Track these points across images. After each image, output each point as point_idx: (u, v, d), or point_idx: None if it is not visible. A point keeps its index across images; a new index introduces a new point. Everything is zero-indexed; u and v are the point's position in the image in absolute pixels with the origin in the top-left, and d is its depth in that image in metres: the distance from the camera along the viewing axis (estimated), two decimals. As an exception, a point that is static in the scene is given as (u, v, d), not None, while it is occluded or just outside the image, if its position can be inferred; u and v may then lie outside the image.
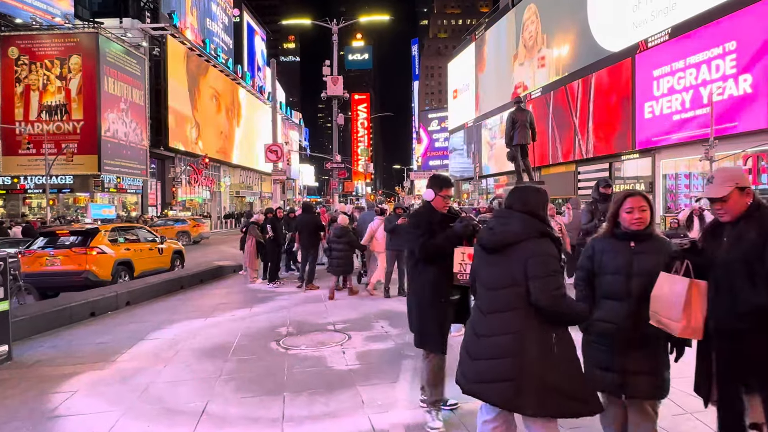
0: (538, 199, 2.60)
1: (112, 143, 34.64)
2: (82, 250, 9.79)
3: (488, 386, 2.41)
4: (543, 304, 2.35)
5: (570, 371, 2.42)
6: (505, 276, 2.47)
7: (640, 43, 33.12)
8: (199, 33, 48.87)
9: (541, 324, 2.39)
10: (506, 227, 2.53)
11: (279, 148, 14.47)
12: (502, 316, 2.45)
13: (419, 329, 3.75)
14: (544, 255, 2.42)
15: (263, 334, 6.61)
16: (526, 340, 2.37)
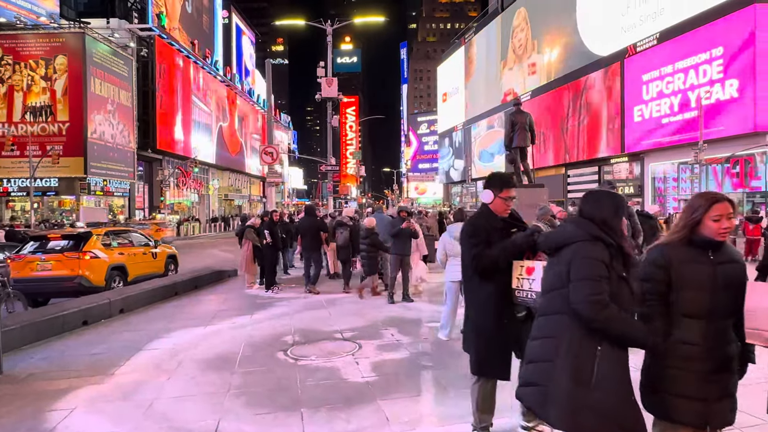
0: (605, 205, 2.39)
1: (99, 145, 33.95)
2: (75, 255, 9.41)
3: (526, 390, 2.38)
4: (577, 309, 2.20)
5: (616, 392, 2.19)
6: (554, 278, 2.36)
7: (629, 48, 33.37)
8: (187, 34, 48.28)
9: (585, 333, 2.22)
10: (561, 229, 2.47)
11: (275, 149, 14.16)
12: (548, 319, 2.37)
13: (477, 353, 3.23)
14: (587, 258, 2.25)
15: (268, 343, 6.31)
16: (563, 346, 2.25)
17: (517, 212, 3.52)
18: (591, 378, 2.17)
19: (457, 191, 70.76)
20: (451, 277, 6.10)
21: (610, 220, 2.34)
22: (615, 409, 2.17)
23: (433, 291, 10.01)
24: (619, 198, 2.46)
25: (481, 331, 3.20)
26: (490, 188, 3.35)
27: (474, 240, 3.19)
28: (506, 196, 3.31)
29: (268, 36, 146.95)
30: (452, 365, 5.18)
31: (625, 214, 2.46)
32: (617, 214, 2.38)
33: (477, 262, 3.12)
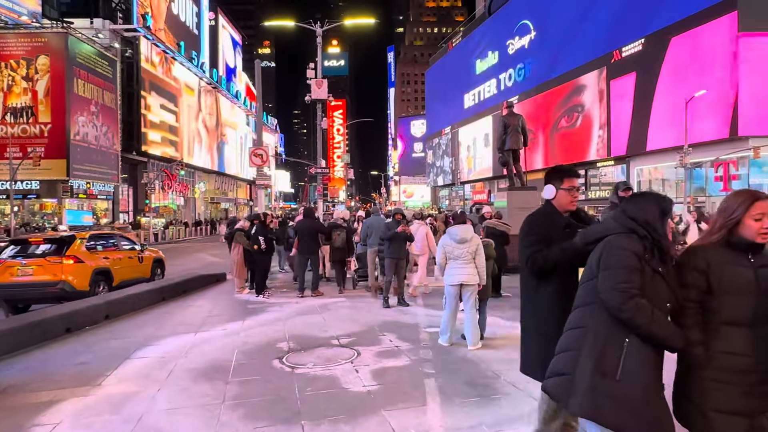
0: (650, 207, 2.28)
1: (82, 147, 33.29)
2: (58, 259, 9.08)
3: (552, 380, 2.30)
4: (604, 297, 2.15)
5: (644, 387, 2.08)
6: (587, 270, 2.33)
7: (614, 53, 33.69)
8: (173, 35, 47.70)
9: (613, 323, 2.14)
10: (599, 224, 2.51)
11: (264, 151, 13.89)
12: (579, 311, 2.31)
13: (542, 365, 2.64)
14: (618, 248, 2.19)
15: (262, 350, 6.06)
16: (590, 336, 2.18)
17: (586, 213, 3.20)
18: (616, 370, 2.08)
19: (445, 194, 70.84)
20: (451, 280, 5.92)
21: (653, 222, 2.24)
22: (640, 403, 2.05)
23: (427, 296, 9.84)
24: (666, 201, 2.32)
25: (545, 338, 2.79)
26: (550, 182, 3.05)
27: (530, 239, 2.91)
28: (569, 186, 2.99)
29: (255, 38, 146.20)
30: (455, 372, 4.99)
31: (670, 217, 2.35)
32: (663, 217, 2.27)
33: (532, 263, 2.87)
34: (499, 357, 5.47)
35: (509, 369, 5.02)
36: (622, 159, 34.10)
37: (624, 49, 32.75)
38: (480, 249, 5.90)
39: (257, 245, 10.04)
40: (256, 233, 10.16)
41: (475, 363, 5.27)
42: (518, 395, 4.32)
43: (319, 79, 18.98)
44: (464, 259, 5.83)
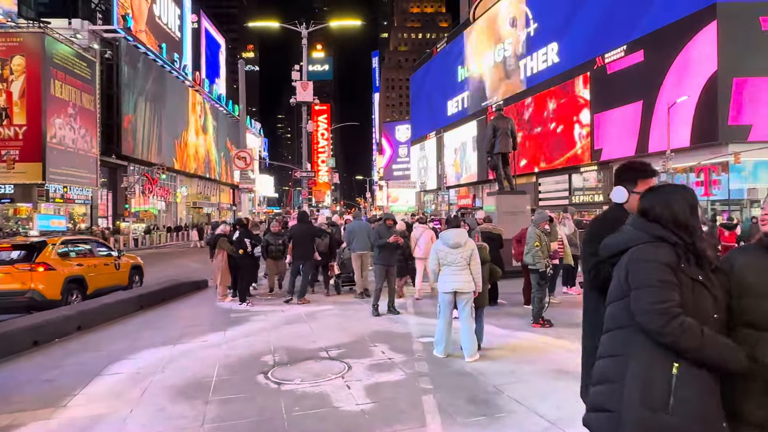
0: (676, 201, 1.95)
1: (59, 150, 32.31)
2: (27, 267, 8.53)
3: (595, 416, 1.97)
4: (640, 321, 1.83)
5: (702, 419, 1.76)
6: (614, 288, 1.99)
7: (597, 59, 33.93)
8: (155, 37, 46.88)
9: (657, 348, 1.80)
10: (620, 233, 2.08)
11: (248, 154, 13.47)
12: (613, 335, 1.98)
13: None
14: (646, 260, 1.88)
15: (246, 364, 5.66)
16: (632, 365, 1.85)
17: None
18: (668, 401, 1.76)
19: (430, 199, 70.78)
20: (445, 287, 5.59)
21: (684, 220, 1.91)
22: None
23: (417, 303, 9.51)
24: (690, 192, 2.01)
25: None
26: (623, 183, 2.53)
27: (592, 248, 2.48)
28: (644, 191, 2.40)
29: (238, 42, 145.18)
30: (455, 388, 4.66)
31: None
32: (693, 211, 1.95)
33: (594, 274, 2.47)
34: (499, 370, 5.15)
35: (512, 383, 4.71)
36: (605, 164, 34.30)
37: (607, 55, 33.01)
38: (475, 254, 5.58)
39: (243, 249, 9.65)
40: (240, 237, 9.74)
41: (475, 377, 4.95)
42: (524, 413, 4.00)
43: (304, 81, 18.61)
44: (459, 265, 5.51)
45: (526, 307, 8.72)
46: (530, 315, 7.97)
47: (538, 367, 5.18)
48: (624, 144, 31.33)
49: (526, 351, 5.88)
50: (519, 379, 4.81)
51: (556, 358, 5.54)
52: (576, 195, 38.29)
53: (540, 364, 5.29)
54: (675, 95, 26.58)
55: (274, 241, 10.39)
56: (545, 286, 7.15)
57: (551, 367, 5.17)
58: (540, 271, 7.07)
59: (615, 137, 32.22)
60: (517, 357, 5.60)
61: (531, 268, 7.22)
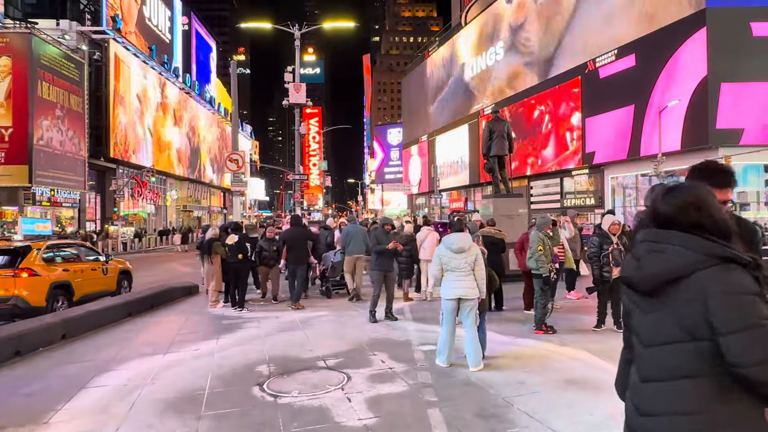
0: (709, 202, 1.60)
1: (46, 152, 31.76)
2: (10, 272, 8.27)
3: None
4: (747, 374, 1.41)
5: None
6: (668, 326, 1.54)
7: (588, 63, 34.00)
8: (144, 38, 46.40)
9: (743, 401, 1.46)
10: (662, 255, 1.58)
11: (240, 156, 13.19)
12: (668, 387, 1.54)
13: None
14: (737, 293, 1.46)
15: (240, 375, 5.40)
16: (712, 425, 1.46)
17: (743, 221, 2.29)
18: None
19: (421, 202, 70.67)
20: (448, 294, 5.37)
21: (729, 229, 1.57)
22: None
23: (415, 308, 9.29)
24: (708, 189, 1.66)
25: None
26: None
27: None
28: (722, 199, 1.99)
29: (229, 45, 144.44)
30: (462, 400, 4.44)
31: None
32: (723, 212, 1.61)
33: None
34: (506, 380, 4.94)
35: (521, 395, 4.50)
36: (596, 168, 34.35)
37: (598, 60, 33.09)
38: (479, 259, 5.38)
39: (243, 254, 9.44)
40: (241, 242, 9.52)
41: (482, 388, 4.73)
42: (538, 429, 3.78)
43: (297, 83, 18.37)
44: (462, 271, 5.29)
45: (526, 312, 8.54)
46: (531, 321, 7.78)
47: (546, 377, 4.98)
48: (616, 148, 31.37)
49: (530, 359, 5.67)
50: (528, 391, 4.59)
51: (563, 366, 5.34)
52: (567, 198, 38.30)
53: (548, 374, 5.08)
54: (666, 99, 26.65)
55: (268, 247, 10.08)
56: (548, 291, 6.96)
57: (560, 377, 4.97)
58: (543, 276, 6.88)
59: (607, 141, 32.25)
60: (522, 366, 5.40)
61: (534, 273, 7.03)
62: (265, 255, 10.14)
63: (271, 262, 10.14)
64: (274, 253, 10.03)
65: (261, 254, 10.12)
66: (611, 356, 5.72)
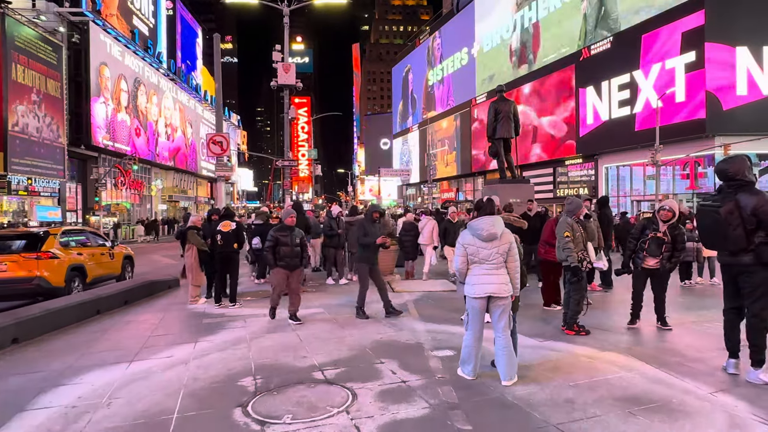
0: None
1: (22, 139, 30.25)
2: (33, 255, 8.92)
3: None
4: None
5: None
6: None
7: (583, 50, 33.12)
8: (126, 22, 44.65)
9: None
10: None
11: (224, 138, 12.07)
12: None
13: None
14: None
15: (220, 391, 4.40)
16: None
17: None
18: None
19: (412, 193, 69.76)
20: (475, 291, 4.37)
21: None
22: None
23: (419, 302, 8.34)
24: None
25: None
26: None
27: None
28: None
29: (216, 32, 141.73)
30: (502, 428, 3.48)
31: None
32: None
33: None
34: (551, 398, 3.99)
35: (576, 421, 3.54)
36: (590, 157, 33.66)
37: (593, 46, 32.23)
38: (514, 248, 4.40)
39: (239, 243, 8.53)
40: (238, 229, 8.55)
41: (524, 410, 3.77)
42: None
43: (286, 63, 17.23)
44: (493, 263, 4.32)
45: (546, 308, 7.64)
46: (554, 318, 6.88)
47: (599, 395, 4.04)
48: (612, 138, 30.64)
49: (572, 369, 4.73)
50: (584, 414, 3.65)
51: (615, 379, 4.41)
52: (561, 188, 37.67)
53: (600, 390, 4.14)
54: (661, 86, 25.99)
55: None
56: (581, 285, 6.02)
57: (617, 395, 4.03)
58: (572, 267, 5.95)
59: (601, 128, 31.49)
60: (564, 378, 4.46)
61: (564, 265, 6.10)
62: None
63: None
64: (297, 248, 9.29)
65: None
66: (667, 363, 4.81)
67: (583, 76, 33.12)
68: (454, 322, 6.80)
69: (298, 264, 7.23)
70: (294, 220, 7.33)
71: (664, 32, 26.59)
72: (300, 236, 7.28)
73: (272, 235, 7.16)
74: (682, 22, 25.49)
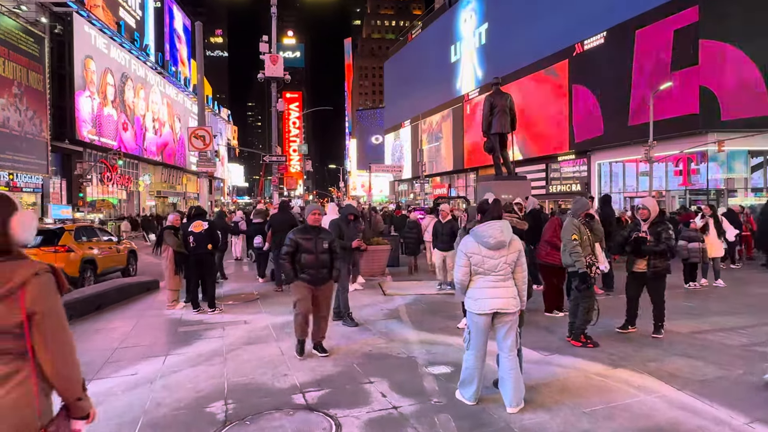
0: None
1: (2, 134, 29.36)
2: (51, 249, 9.67)
3: None
4: None
5: None
6: None
7: (576, 45, 32.69)
8: (112, 13, 43.63)
9: None
10: None
11: (206, 132, 11.44)
12: None
13: None
14: None
15: (184, 421, 3.83)
16: None
17: None
18: None
19: (404, 189, 69.25)
20: (481, 306, 3.82)
21: None
22: None
23: (412, 307, 7.82)
24: None
25: None
26: None
27: None
28: None
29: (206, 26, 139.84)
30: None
31: None
32: None
33: None
34: (563, 429, 3.47)
35: (597, 462, 3.03)
36: (583, 153, 33.31)
37: (586, 42, 31.82)
38: (522, 257, 3.87)
39: (213, 244, 7.92)
40: (211, 229, 7.94)
41: None
42: None
43: (273, 54, 16.59)
44: (500, 274, 3.78)
45: (547, 314, 7.15)
46: (557, 326, 6.40)
47: (618, 424, 3.53)
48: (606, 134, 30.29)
49: (583, 391, 4.22)
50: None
51: (634, 404, 3.90)
52: (553, 184, 37.34)
53: (619, 418, 3.63)
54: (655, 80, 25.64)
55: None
56: (589, 292, 5.52)
57: (639, 425, 3.52)
58: (580, 273, 5.46)
59: (594, 125, 31.12)
60: (576, 402, 3.95)
61: (570, 270, 5.61)
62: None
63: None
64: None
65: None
66: (688, 382, 4.29)
67: (576, 71, 32.73)
68: (450, 332, 6.29)
69: (326, 277, 5.44)
70: (320, 218, 5.64)
71: (657, 28, 26.21)
72: (329, 240, 5.54)
73: (292, 238, 5.44)
74: (675, 18, 25.13)
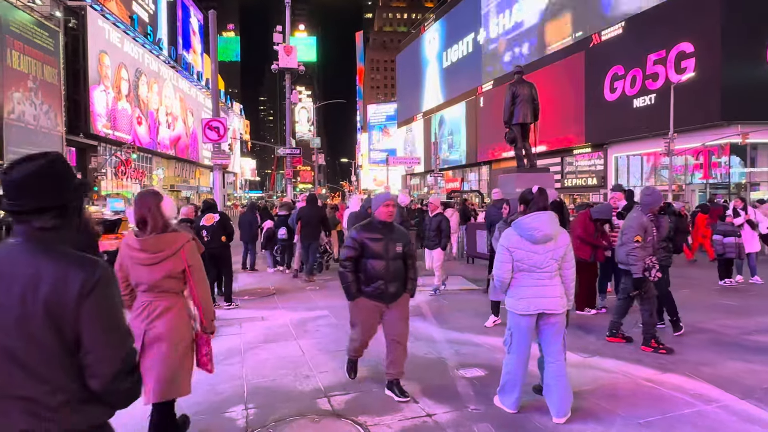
0: None
1: (18, 127, 29.50)
2: (113, 236, 10.72)
3: None
4: None
5: None
6: None
7: (593, 36, 31.97)
8: (125, 7, 43.64)
9: None
10: None
11: (221, 123, 11.19)
12: None
13: None
14: None
15: (202, 426, 3.57)
16: None
17: None
18: None
19: (416, 183, 68.81)
20: (524, 306, 3.47)
21: None
22: None
23: (433, 303, 7.52)
24: None
25: None
26: None
27: None
28: None
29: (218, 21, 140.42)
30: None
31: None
32: None
33: None
34: (620, 444, 3.15)
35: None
36: (599, 146, 32.67)
37: (603, 33, 31.11)
38: (570, 252, 3.52)
39: (227, 236, 7.65)
40: (223, 221, 7.69)
41: None
42: None
43: (287, 45, 16.29)
44: (547, 271, 3.43)
45: (579, 312, 6.80)
46: (593, 326, 6.05)
47: (681, 439, 3.20)
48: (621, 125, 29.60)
49: (633, 398, 3.88)
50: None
51: (693, 417, 3.54)
52: (567, 178, 36.74)
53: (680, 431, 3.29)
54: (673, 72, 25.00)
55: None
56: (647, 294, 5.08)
57: (705, 439, 3.19)
58: (635, 278, 5.03)
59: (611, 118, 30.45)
60: (627, 411, 3.61)
61: (623, 268, 5.24)
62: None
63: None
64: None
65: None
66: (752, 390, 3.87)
67: (593, 62, 32.04)
68: (477, 330, 5.96)
69: (399, 290, 4.09)
70: (394, 212, 4.06)
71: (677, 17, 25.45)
72: (404, 242, 4.11)
73: (356, 238, 4.03)
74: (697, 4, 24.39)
